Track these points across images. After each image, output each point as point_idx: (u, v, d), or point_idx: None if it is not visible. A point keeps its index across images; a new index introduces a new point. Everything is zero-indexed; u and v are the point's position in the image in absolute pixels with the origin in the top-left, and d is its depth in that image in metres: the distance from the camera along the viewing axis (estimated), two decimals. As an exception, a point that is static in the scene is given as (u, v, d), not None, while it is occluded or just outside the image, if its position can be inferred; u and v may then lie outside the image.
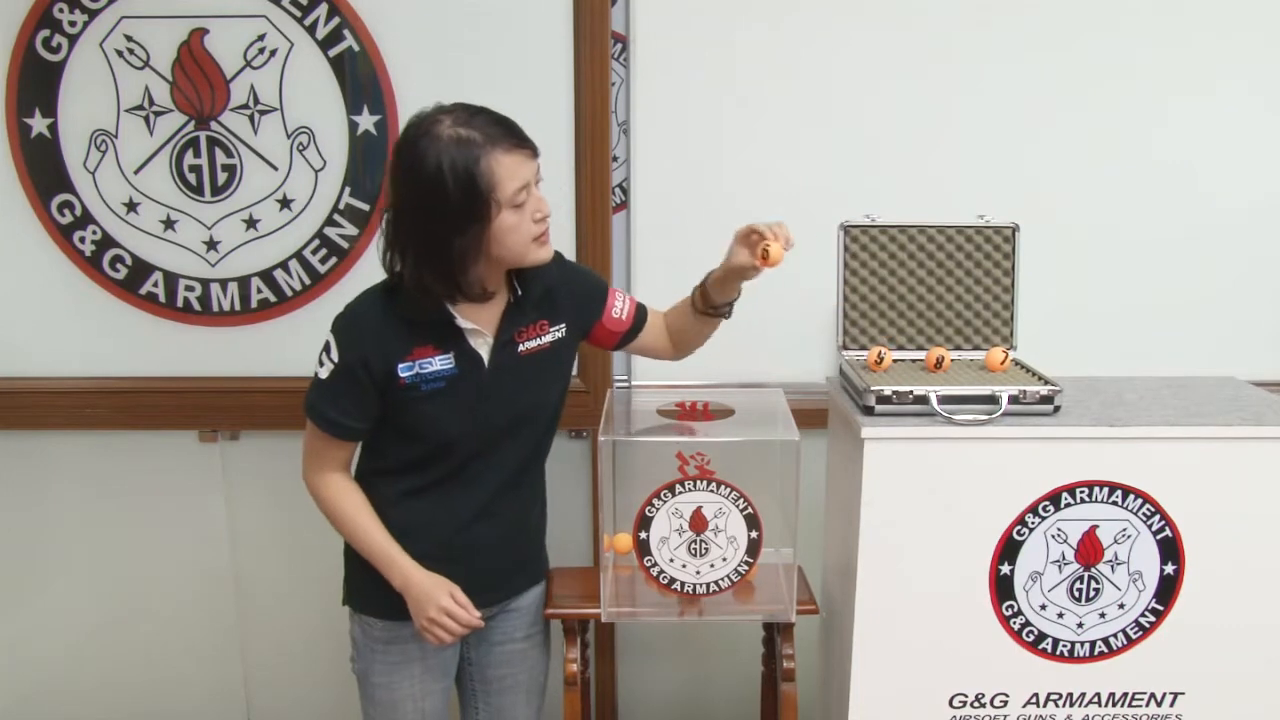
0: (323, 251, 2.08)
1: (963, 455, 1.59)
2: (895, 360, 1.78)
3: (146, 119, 2.02)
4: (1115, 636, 1.65)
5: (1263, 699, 1.68)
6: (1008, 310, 1.81)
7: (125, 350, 2.13)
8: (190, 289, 2.11)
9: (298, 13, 1.97)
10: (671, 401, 1.84)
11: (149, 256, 2.09)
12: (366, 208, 2.06)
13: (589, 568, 2.08)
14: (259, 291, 2.11)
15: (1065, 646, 1.65)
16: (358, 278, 2.07)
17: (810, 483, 1.73)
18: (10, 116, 2.02)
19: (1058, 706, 1.68)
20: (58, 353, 2.13)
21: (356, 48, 1.98)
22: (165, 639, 2.32)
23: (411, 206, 1.41)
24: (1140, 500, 1.59)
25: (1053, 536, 1.61)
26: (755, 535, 1.68)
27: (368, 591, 1.59)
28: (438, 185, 1.37)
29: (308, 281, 2.10)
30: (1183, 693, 1.67)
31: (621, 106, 2.04)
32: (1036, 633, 1.65)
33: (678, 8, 1.98)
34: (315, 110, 2.02)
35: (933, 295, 1.81)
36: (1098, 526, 1.60)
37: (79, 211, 2.06)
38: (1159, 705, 1.68)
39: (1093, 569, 1.62)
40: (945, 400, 1.59)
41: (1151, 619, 1.64)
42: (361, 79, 1.99)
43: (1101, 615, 1.64)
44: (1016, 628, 1.65)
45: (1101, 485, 1.58)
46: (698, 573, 1.70)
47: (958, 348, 1.82)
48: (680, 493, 1.66)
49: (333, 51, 1.99)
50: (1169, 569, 1.62)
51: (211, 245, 2.08)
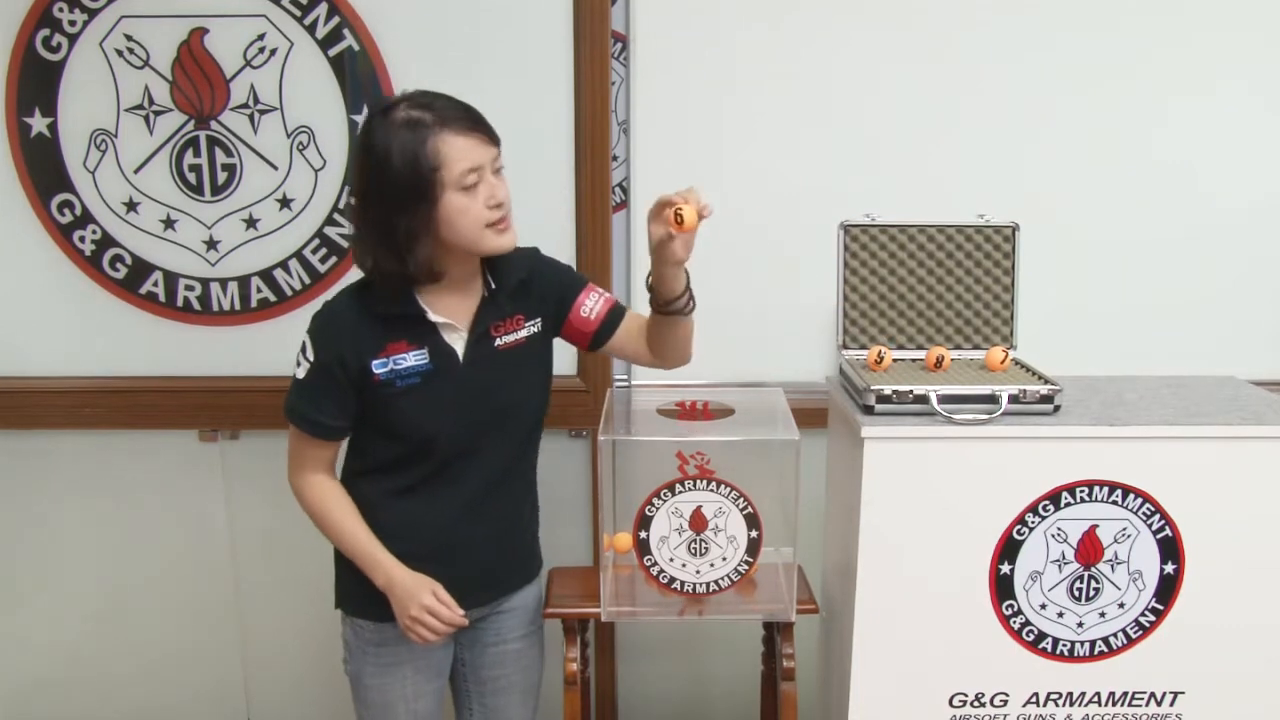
0: (323, 251, 2.08)
1: (963, 455, 1.59)
2: (895, 360, 1.78)
3: (146, 118, 2.02)
4: (1115, 636, 1.65)
5: (1263, 699, 1.68)
6: (1008, 310, 1.81)
7: (125, 350, 2.13)
8: (190, 288, 2.11)
9: (297, 12, 1.97)
10: (671, 401, 1.84)
11: (149, 256, 2.09)
12: (366, 207, 2.06)
13: (589, 567, 2.08)
14: (259, 291, 2.11)
15: (1065, 646, 1.65)
16: (357, 277, 2.06)
17: (810, 482, 1.72)
18: (10, 116, 2.02)
19: (1058, 706, 1.68)
20: (58, 352, 2.13)
21: (356, 47, 1.99)
22: (165, 638, 2.32)
23: (366, 189, 1.44)
24: (1140, 500, 1.59)
25: (1053, 536, 1.61)
26: (755, 535, 1.68)
27: (358, 594, 1.59)
28: (386, 165, 1.39)
29: (308, 281, 2.10)
30: (1183, 692, 1.68)
31: (621, 106, 2.04)
32: (1036, 632, 1.65)
33: (678, 7, 1.98)
34: (315, 110, 2.02)
35: (933, 295, 1.81)
36: (1098, 526, 1.60)
37: (79, 211, 2.06)
38: (1159, 705, 1.68)
39: (1093, 568, 1.62)
40: (945, 400, 1.59)
41: (1151, 618, 1.64)
42: (361, 78, 1.99)
43: (1101, 615, 1.64)
44: (1016, 627, 1.65)
45: (1101, 485, 1.58)
46: (698, 572, 1.70)
47: (958, 347, 1.82)
48: (680, 492, 1.66)
49: (333, 51, 1.99)
50: (1169, 568, 1.62)
51: (211, 245, 2.08)
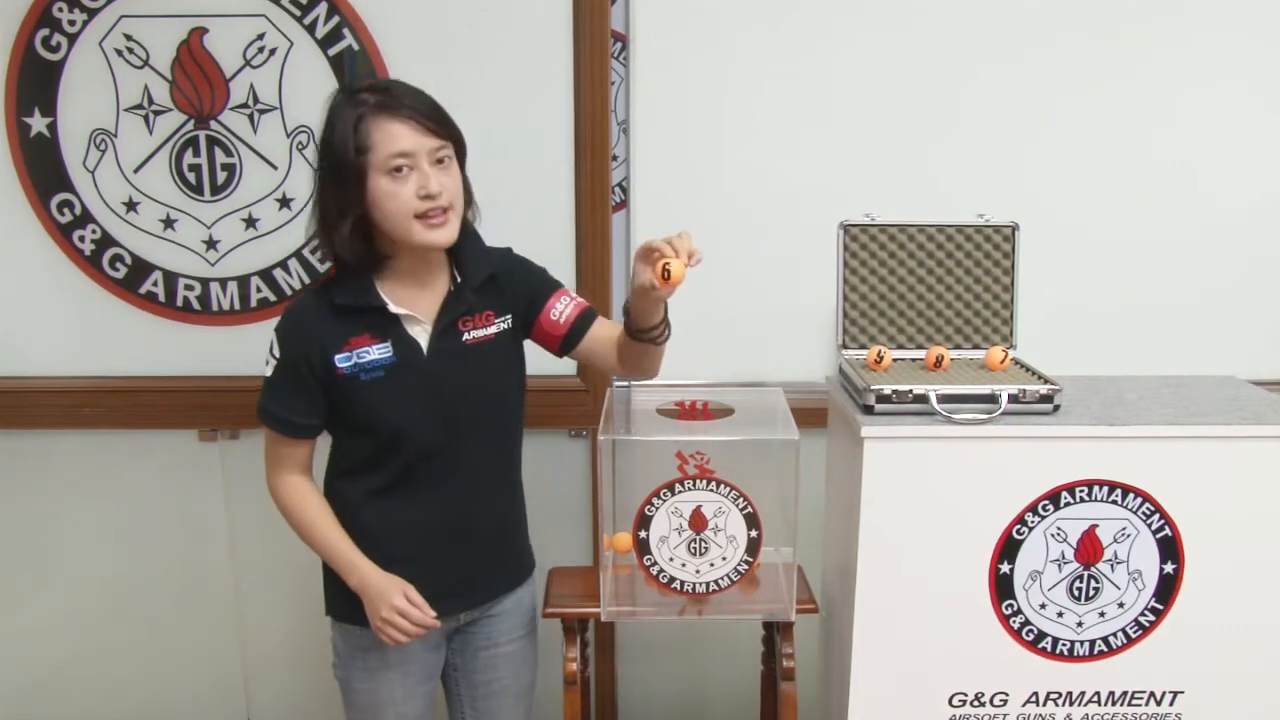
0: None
1: (962, 454, 1.59)
2: (895, 359, 1.78)
3: (146, 118, 2.02)
4: (1115, 635, 1.65)
5: (1262, 698, 1.68)
6: (1007, 309, 1.81)
7: (125, 350, 2.13)
8: (190, 288, 2.11)
9: (297, 12, 1.97)
10: (671, 401, 1.84)
11: (148, 256, 2.09)
12: (366, 207, 2.06)
13: (589, 567, 2.08)
14: (259, 291, 2.11)
15: (1065, 645, 1.65)
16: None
17: (810, 482, 1.72)
18: (10, 116, 2.02)
19: (1057, 705, 1.68)
20: (57, 352, 2.13)
21: (356, 47, 1.98)
22: (165, 638, 2.32)
23: (316, 168, 1.50)
24: (1140, 499, 1.59)
25: (1052, 535, 1.61)
26: (755, 534, 1.68)
27: (346, 600, 1.58)
28: (327, 141, 1.46)
29: (307, 280, 2.09)
30: (1182, 692, 1.68)
31: (621, 106, 2.04)
32: (1036, 632, 1.65)
33: (678, 7, 1.98)
34: (315, 109, 1.97)
35: (932, 294, 1.81)
36: (1097, 525, 1.60)
37: (78, 211, 2.06)
38: (1158, 704, 1.68)
39: (1092, 568, 1.62)
40: (945, 399, 1.59)
41: (1151, 618, 1.64)
42: (361, 78, 1.99)
43: (1101, 614, 1.64)
44: (1016, 627, 1.65)
45: (1101, 484, 1.58)
46: (697, 572, 1.70)
47: (957, 347, 1.82)
48: (680, 492, 1.66)
49: (332, 50, 1.99)
50: (1168, 568, 1.62)
51: (211, 244, 2.08)
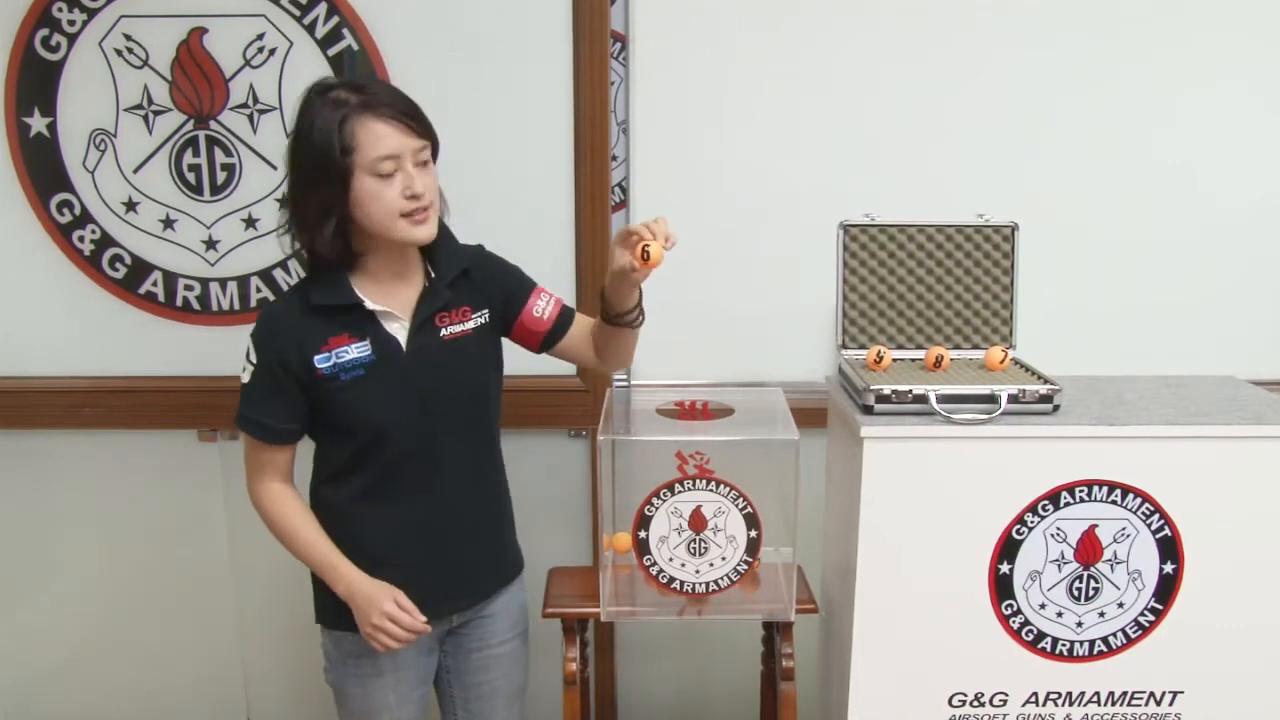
0: (322, 251, 2.08)
1: (962, 454, 1.59)
2: (895, 359, 1.78)
3: (145, 118, 2.02)
4: (1114, 635, 1.65)
5: (1262, 698, 1.68)
6: (1007, 309, 1.81)
7: (124, 350, 2.13)
8: (189, 288, 2.11)
9: (297, 12, 1.97)
10: (671, 401, 1.84)
11: (148, 256, 2.09)
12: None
13: (588, 567, 2.08)
14: (258, 291, 2.10)
15: (1064, 645, 1.65)
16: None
17: (810, 482, 1.72)
18: (9, 116, 2.02)
19: (1057, 705, 1.68)
20: (57, 352, 2.13)
21: (355, 47, 1.98)
22: (165, 638, 2.32)
23: (290, 165, 1.47)
24: (1139, 499, 1.59)
25: (1052, 536, 1.61)
26: (754, 534, 1.68)
27: (336, 607, 1.56)
28: (306, 141, 1.42)
29: (307, 281, 2.10)
30: (1182, 692, 1.67)
31: (621, 106, 2.04)
32: (1036, 632, 1.65)
33: (677, 7, 1.98)
34: None
35: (932, 294, 1.81)
36: (1097, 526, 1.60)
37: (78, 211, 2.06)
38: (1158, 704, 1.68)
39: (1092, 568, 1.62)
40: (945, 399, 1.59)
41: (1151, 618, 1.64)
42: (361, 78, 1.99)
43: (1101, 614, 1.64)
44: (1016, 627, 1.65)
45: (1101, 484, 1.58)
46: (697, 572, 1.70)
47: (957, 347, 1.82)
48: (680, 492, 1.66)
49: (332, 50, 1.99)
50: (1168, 568, 1.62)
51: (211, 244, 2.08)
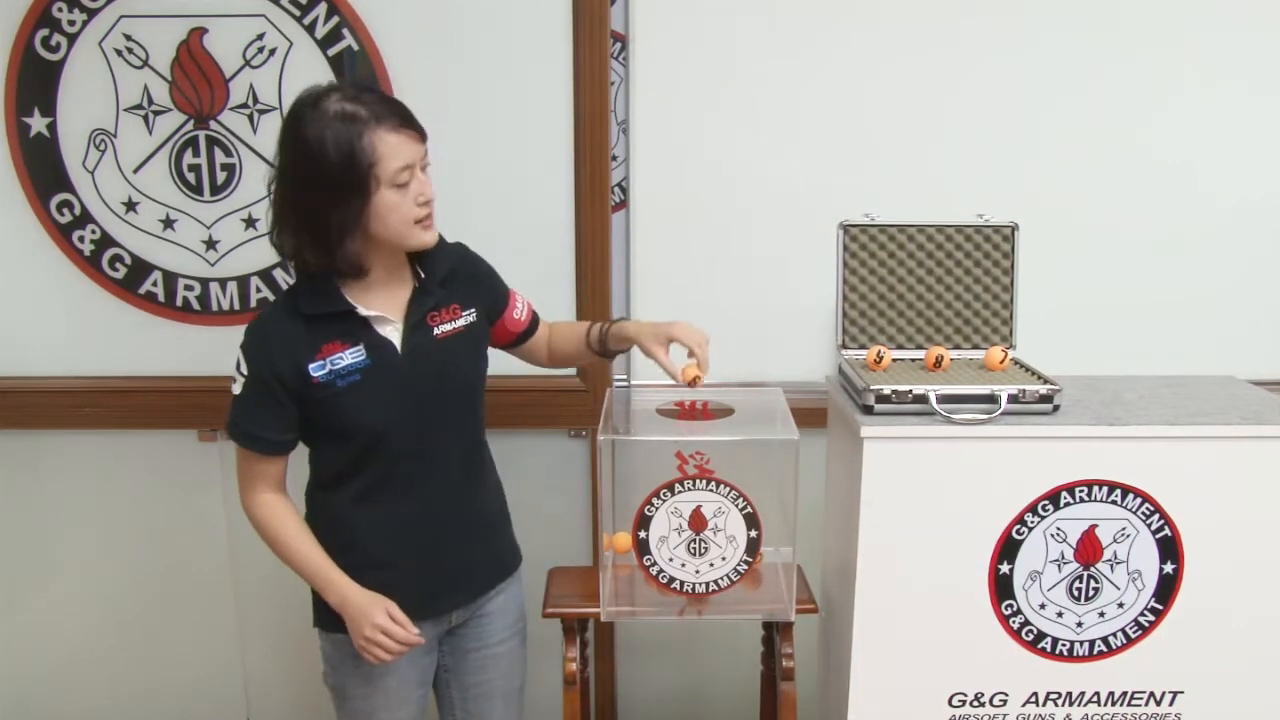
0: (322, 251, 2.08)
1: (962, 454, 1.59)
2: (895, 359, 1.78)
3: (145, 118, 2.02)
4: (1114, 635, 1.65)
5: (1262, 698, 1.68)
6: (1007, 309, 1.81)
7: (124, 350, 2.13)
8: (189, 288, 2.11)
9: (297, 12, 1.97)
10: (671, 401, 1.84)
11: (148, 256, 2.09)
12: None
13: (588, 567, 2.08)
14: (258, 291, 2.10)
15: (1064, 645, 1.65)
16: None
17: (810, 482, 1.72)
18: (9, 116, 2.02)
19: (1057, 705, 1.68)
20: (57, 352, 2.13)
21: (355, 47, 1.98)
22: (165, 638, 2.32)
23: (294, 178, 1.43)
24: (1139, 499, 1.59)
25: (1052, 536, 1.61)
26: (754, 534, 1.68)
27: (334, 609, 1.56)
28: (320, 157, 1.39)
29: (307, 281, 2.09)
30: (1182, 691, 1.67)
31: (621, 105, 2.04)
32: (1036, 632, 1.65)
33: (677, 7, 1.97)
34: None
35: (932, 294, 1.81)
36: (1097, 526, 1.60)
37: (78, 211, 2.06)
38: (1158, 704, 1.68)
39: (1092, 568, 1.62)
40: (944, 399, 1.59)
41: (1151, 618, 1.64)
42: (360, 78, 1.99)
43: (1101, 614, 1.64)
44: (1016, 627, 1.65)
45: (1101, 484, 1.58)
46: (697, 572, 1.70)
47: (957, 347, 1.82)
48: (680, 492, 1.66)
49: (332, 50, 1.99)
50: (1168, 568, 1.62)
51: (211, 244, 2.08)
